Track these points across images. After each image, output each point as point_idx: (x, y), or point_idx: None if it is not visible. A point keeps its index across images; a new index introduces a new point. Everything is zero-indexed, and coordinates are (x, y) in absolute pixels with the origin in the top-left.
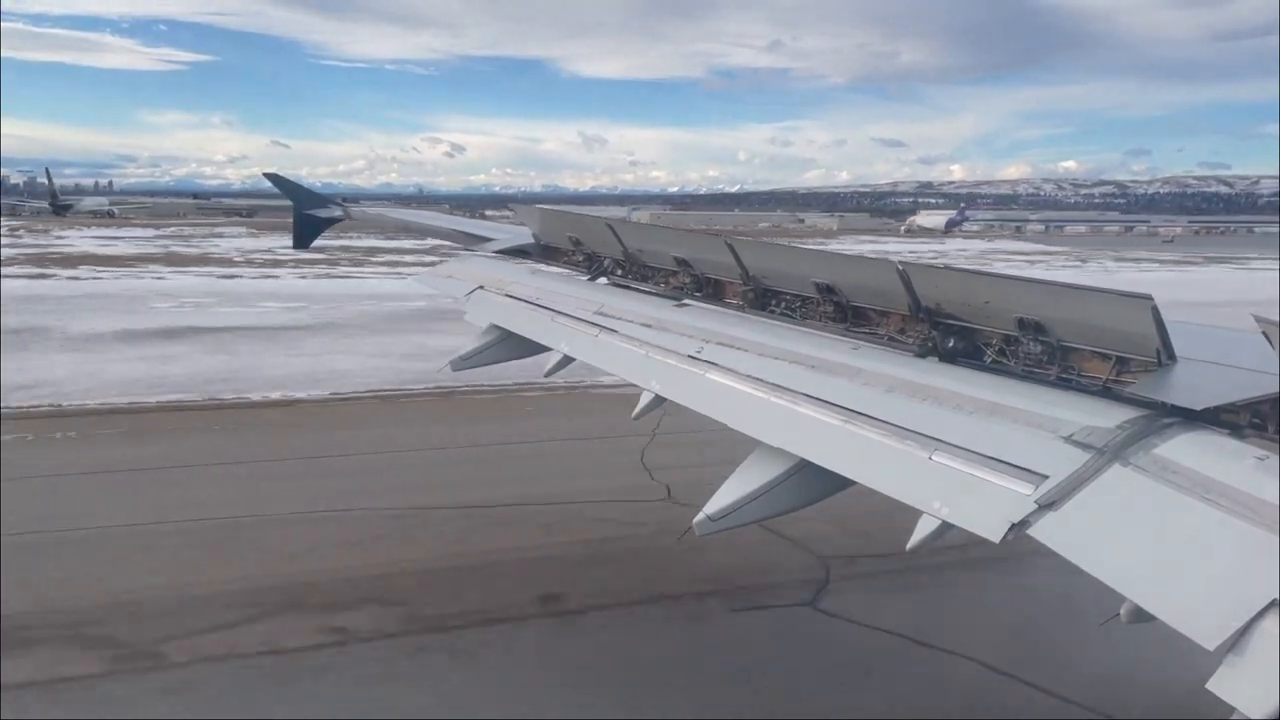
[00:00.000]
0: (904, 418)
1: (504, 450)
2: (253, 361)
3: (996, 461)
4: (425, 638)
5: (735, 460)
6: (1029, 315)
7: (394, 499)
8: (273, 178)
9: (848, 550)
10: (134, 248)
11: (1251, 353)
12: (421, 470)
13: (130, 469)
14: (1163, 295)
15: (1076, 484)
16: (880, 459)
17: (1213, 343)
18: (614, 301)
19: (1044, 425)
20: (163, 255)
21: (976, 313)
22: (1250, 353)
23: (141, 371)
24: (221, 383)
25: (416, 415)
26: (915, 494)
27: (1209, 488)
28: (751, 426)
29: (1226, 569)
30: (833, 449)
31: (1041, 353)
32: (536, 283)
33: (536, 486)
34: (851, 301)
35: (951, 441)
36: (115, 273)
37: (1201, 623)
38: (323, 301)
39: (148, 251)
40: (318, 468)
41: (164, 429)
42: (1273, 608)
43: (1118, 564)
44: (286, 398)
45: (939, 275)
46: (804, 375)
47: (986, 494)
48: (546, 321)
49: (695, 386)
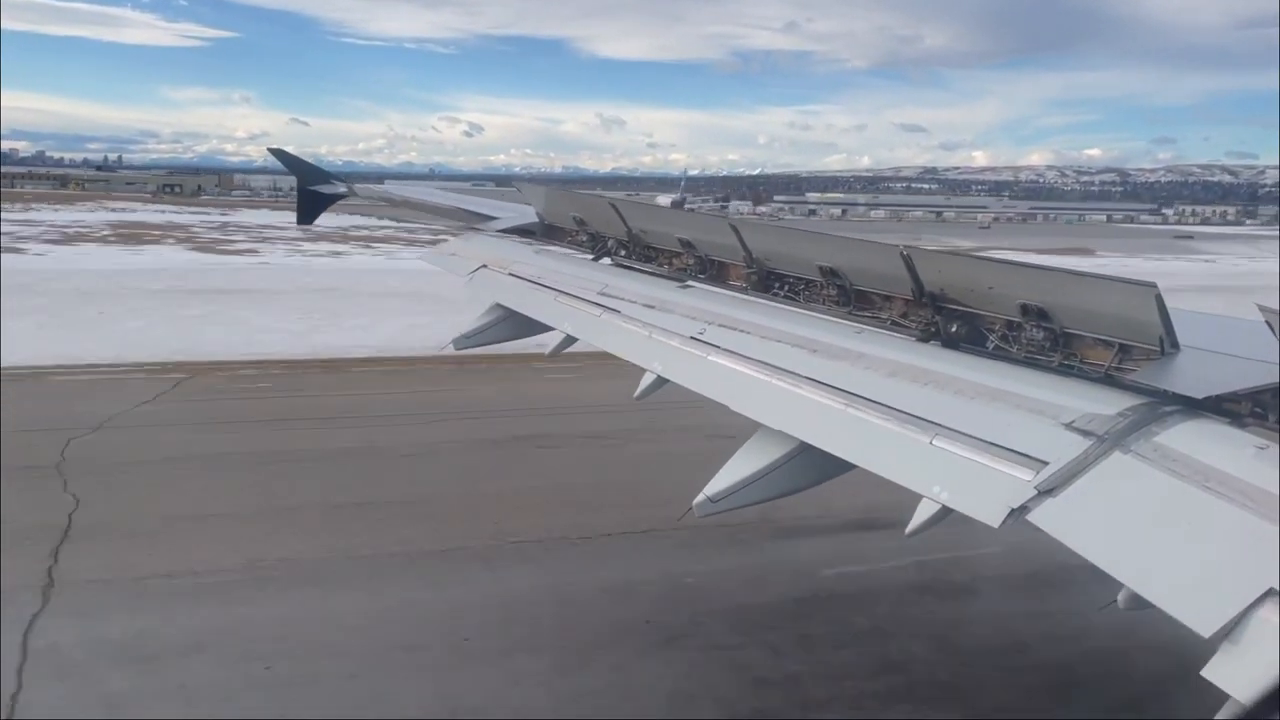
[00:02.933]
0: (905, 402)
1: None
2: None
3: (997, 447)
4: None
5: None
6: (1032, 301)
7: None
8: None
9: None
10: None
11: (1255, 341)
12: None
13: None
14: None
15: (1076, 470)
16: (881, 443)
17: (1216, 331)
18: (617, 282)
19: (1045, 411)
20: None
21: (980, 298)
22: (1253, 341)
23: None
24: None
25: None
26: (915, 478)
27: (1209, 476)
28: (753, 409)
29: (1224, 557)
30: (834, 432)
31: (1044, 339)
32: (540, 262)
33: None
34: (855, 285)
35: (952, 426)
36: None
37: (1198, 610)
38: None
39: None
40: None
41: None
42: (1270, 596)
43: (1116, 551)
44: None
45: (943, 260)
46: (806, 358)
47: (986, 479)
48: (550, 301)
49: (697, 368)
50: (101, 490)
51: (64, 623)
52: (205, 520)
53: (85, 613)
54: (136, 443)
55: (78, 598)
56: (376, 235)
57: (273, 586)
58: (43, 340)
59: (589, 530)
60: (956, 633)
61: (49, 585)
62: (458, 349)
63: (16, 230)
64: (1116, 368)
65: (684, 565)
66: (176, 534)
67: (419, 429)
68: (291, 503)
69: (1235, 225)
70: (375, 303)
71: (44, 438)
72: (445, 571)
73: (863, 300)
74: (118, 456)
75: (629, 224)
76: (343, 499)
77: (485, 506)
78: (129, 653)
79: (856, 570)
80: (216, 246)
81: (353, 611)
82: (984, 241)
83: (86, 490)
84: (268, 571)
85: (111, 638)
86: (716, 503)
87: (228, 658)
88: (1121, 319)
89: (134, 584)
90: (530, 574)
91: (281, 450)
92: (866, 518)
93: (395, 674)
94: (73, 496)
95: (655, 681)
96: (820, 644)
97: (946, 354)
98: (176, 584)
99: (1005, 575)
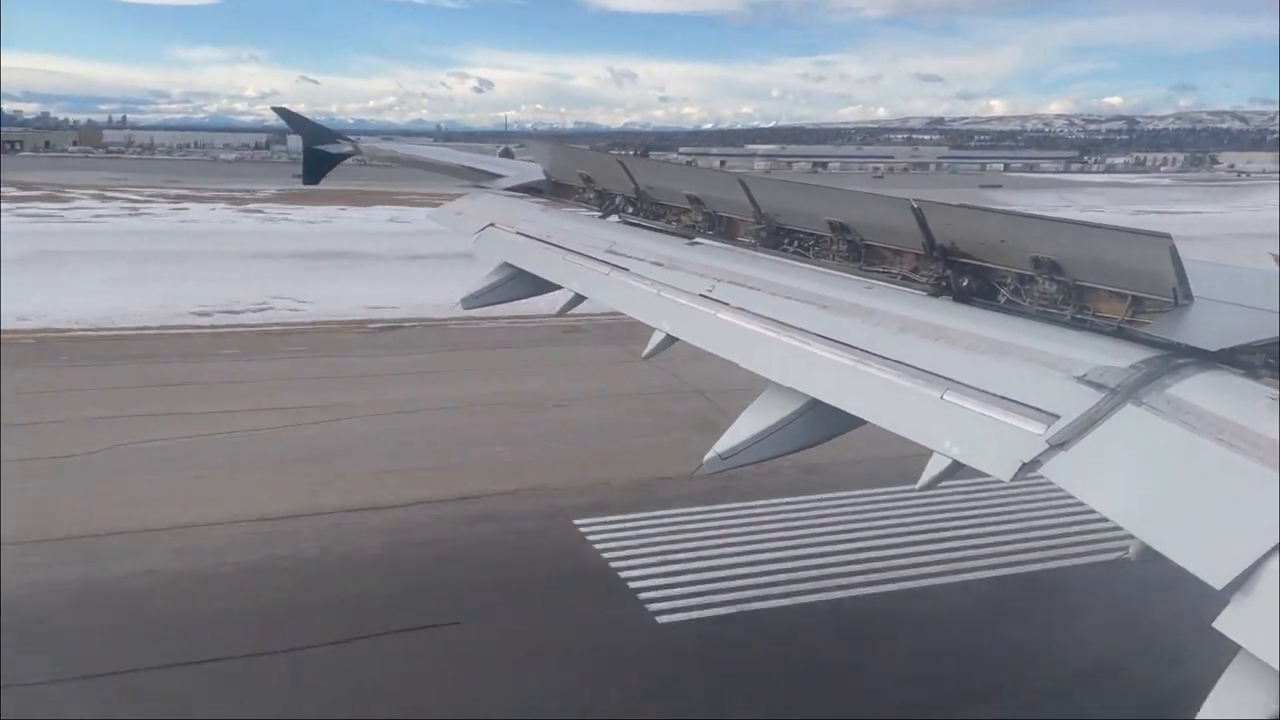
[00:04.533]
0: (916, 357)
1: None
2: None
3: (1009, 401)
4: None
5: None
6: (1045, 254)
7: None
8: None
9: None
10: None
11: (1269, 292)
12: None
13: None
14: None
15: (1089, 424)
16: (891, 398)
17: (1230, 282)
18: (625, 239)
19: (1057, 365)
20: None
21: (991, 251)
22: (1268, 292)
23: None
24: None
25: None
26: (926, 433)
27: (1222, 428)
28: (763, 366)
29: (1237, 509)
30: (844, 388)
31: (1056, 292)
32: (547, 220)
33: None
34: (865, 240)
35: (964, 381)
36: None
37: (1210, 562)
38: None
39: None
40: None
41: None
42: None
43: (1128, 503)
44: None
45: (955, 213)
46: (816, 315)
47: (998, 433)
48: (558, 259)
49: (706, 326)
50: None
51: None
52: None
53: None
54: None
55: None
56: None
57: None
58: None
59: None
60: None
61: None
62: (466, 309)
63: None
64: (1129, 320)
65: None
66: None
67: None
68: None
69: (1118, 173)
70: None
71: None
72: None
73: (873, 255)
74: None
75: (636, 181)
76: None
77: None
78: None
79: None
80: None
81: None
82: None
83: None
84: None
85: None
86: (726, 459)
87: None
88: (1134, 271)
89: None
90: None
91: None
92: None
93: None
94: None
95: None
96: None
97: (957, 308)
98: None
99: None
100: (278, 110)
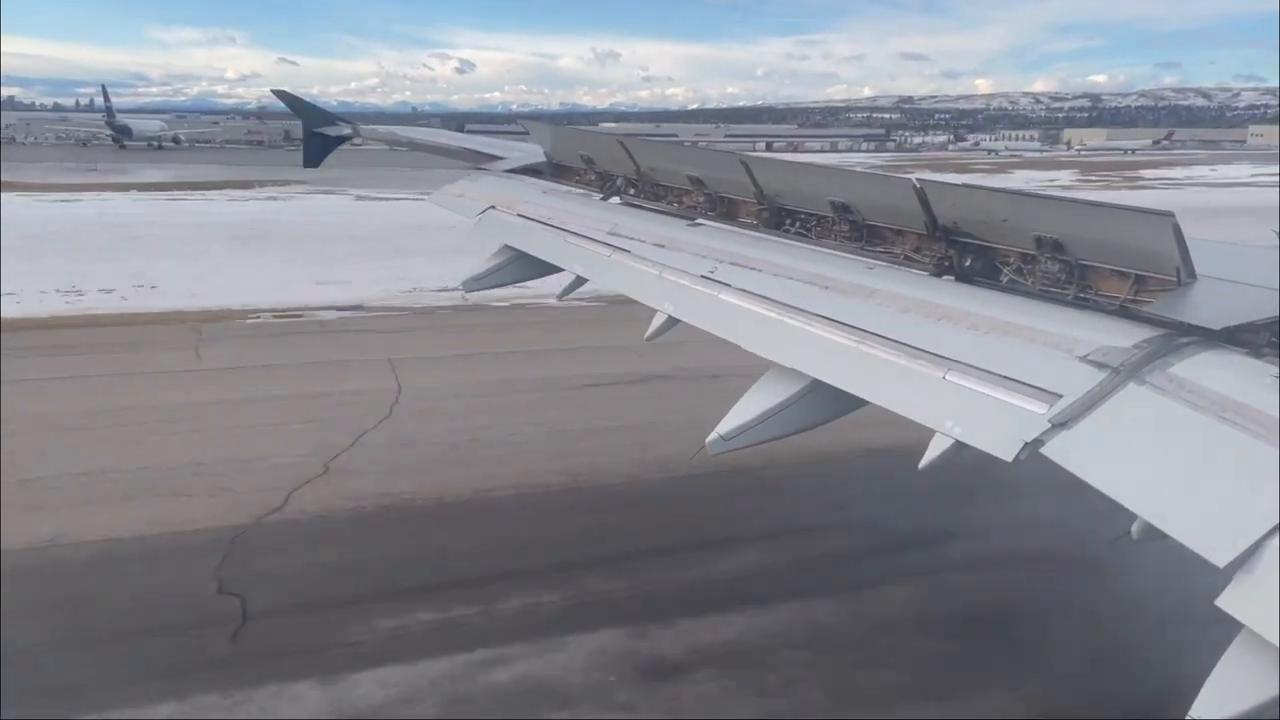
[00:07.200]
0: (918, 337)
1: None
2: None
3: (1011, 381)
4: None
5: None
6: (1047, 233)
7: None
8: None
9: None
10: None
11: (1272, 270)
12: None
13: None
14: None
15: (1091, 403)
16: (894, 379)
17: (1233, 261)
18: (627, 221)
19: (1060, 345)
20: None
21: (994, 231)
22: (1271, 270)
23: None
24: None
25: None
26: (928, 413)
27: (1225, 407)
28: (765, 347)
29: (1239, 487)
30: (846, 369)
31: (1059, 272)
32: (549, 202)
33: None
34: (867, 220)
35: (966, 361)
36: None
37: (1213, 540)
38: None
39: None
40: None
41: None
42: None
43: (1130, 482)
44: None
45: (957, 193)
46: (818, 295)
47: (1000, 413)
48: (559, 242)
49: (708, 307)
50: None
51: None
52: None
53: None
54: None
55: None
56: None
57: None
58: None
59: None
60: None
61: None
62: (467, 291)
63: None
64: (1132, 299)
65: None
66: None
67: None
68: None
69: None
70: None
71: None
72: None
73: (875, 235)
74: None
75: (638, 162)
76: None
77: None
78: None
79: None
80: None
81: None
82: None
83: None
84: None
85: None
86: (728, 441)
87: None
88: (1137, 250)
89: None
90: None
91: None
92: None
93: None
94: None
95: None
96: None
97: (960, 288)
98: None
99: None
100: (278, 94)
